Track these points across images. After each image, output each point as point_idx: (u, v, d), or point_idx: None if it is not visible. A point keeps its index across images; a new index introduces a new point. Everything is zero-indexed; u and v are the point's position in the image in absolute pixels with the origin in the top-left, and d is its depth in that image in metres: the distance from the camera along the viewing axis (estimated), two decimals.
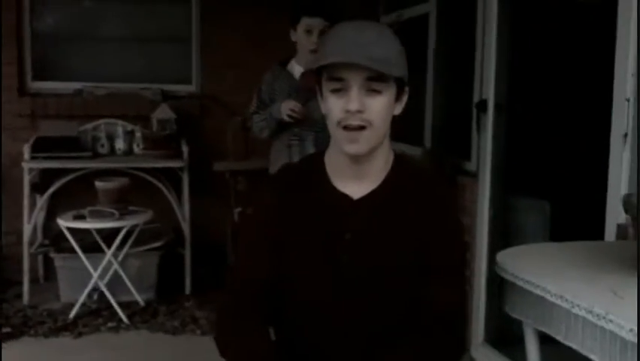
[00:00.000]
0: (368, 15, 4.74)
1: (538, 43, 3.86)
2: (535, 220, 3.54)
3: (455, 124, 3.80)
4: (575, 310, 1.39)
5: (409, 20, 4.37)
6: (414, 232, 1.51)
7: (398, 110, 1.52)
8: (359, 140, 1.45)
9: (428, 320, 1.49)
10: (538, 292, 1.50)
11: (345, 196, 1.54)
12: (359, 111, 1.43)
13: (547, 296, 1.47)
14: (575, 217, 3.56)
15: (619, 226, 2.29)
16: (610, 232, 2.35)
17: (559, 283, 1.48)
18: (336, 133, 1.48)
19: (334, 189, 1.55)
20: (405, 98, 1.53)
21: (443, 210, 1.55)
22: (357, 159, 1.51)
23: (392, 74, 1.45)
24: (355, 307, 1.52)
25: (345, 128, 1.45)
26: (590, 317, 1.35)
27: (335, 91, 1.45)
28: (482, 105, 3.28)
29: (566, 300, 1.42)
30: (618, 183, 2.34)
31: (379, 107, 1.45)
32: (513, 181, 3.39)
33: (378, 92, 1.44)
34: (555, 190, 3.58)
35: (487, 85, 3.28)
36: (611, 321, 1.29)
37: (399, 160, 1.59)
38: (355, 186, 1.54)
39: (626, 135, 2.30)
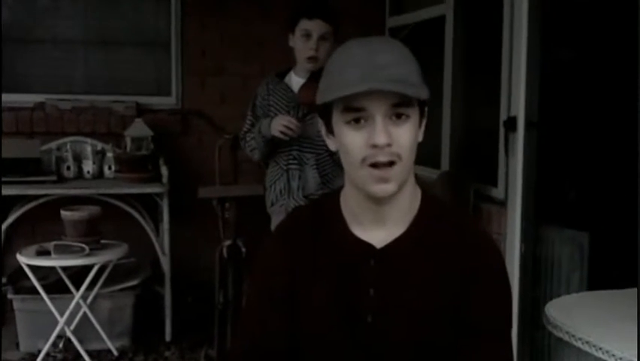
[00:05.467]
0: (374, 17, 4.77)
1: (577, 51, 3.84)
2: (571, 254, 3.52)
3: (478, 144, 3.79)
4: None
5: (422, 23, 4.38)
6: (450, 287, 1.47)
7: (420, 136, 1.49)
8: (390, 178, 1.41)
9: None
10: (599, 354, 1.47)
11: (367, 245, 1.50)
12: (388, 145, 1.39)
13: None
14: (618, 251, 3.55)
15: None
16: None
17: (624, 343, 1.44)
18: (359, 173, 1.43)
19: (353, 236, 1.52)
20: (424, 122, 1.50)
21: (484, 261, 1.50)
22: (380, 200, 1.46)
23: (421, 96, 1.42)
24: None
25: (372, 165, 1.41)
26: None
27: (351, 122, 1.41)
28: (511, 123, 3.26)
29: None
30: None
31: (407, 137, 1.41)
32: (546, 210, 3.37)
33: (404, 118, 1.40)
34: (595, 220, 3.55)
35: (516, 100, 3.25)
36: None
37: (426, 199, 1.55)
38: (378, 233, 1.50)
39: None
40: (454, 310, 1.46)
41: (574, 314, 1.64)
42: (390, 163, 1.40)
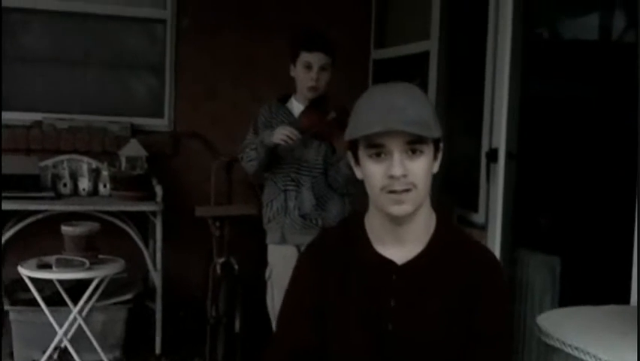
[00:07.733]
0: (359, 49, 5.01)
1: (555, 87, 4.09)
2: (543, 277, 3.75)
3: (460, 172, 4.02)
4: None
5: (406, 58, 4.62)
6: (460, 299, 1.71)
7: (436, 168, 1.74)
8: (405, 201, 1.65)
9: None
10: (587, 358, 1.71)
11: (389, 261, 1.73)
12: (403, 176, 1.63)
13: None
14: (587, 275, 3.79)
15: None
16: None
17: (610, 350, 1.69)
18: (379, 198, 1.68)
19: (377, 253, 1.75)
20: (440, 155, 1.74)
21: (491, 276, 1.75)
22: (399, 221, 1.71)
23: (433, 135, 1.67)
24: None
25: (390, 192, 1.65)
26: None
27: (373, 156, 1.65)
28: (493, 154, 3.49)
29: None
30: None
31: (421, 169, 1.66)
32: (522, 235, 3.60)
33: (419, 153, 1.65)
34: (567, 245, 3.79)
35: (497, 133, 3.46)
36: None
37: (441, 222, 1.80)
38: (398, 250, 1.74)
39: None
40: (463, 319, 1.70)
41: (563, 325, 1.89)
42: (406, 191, 1.64)
